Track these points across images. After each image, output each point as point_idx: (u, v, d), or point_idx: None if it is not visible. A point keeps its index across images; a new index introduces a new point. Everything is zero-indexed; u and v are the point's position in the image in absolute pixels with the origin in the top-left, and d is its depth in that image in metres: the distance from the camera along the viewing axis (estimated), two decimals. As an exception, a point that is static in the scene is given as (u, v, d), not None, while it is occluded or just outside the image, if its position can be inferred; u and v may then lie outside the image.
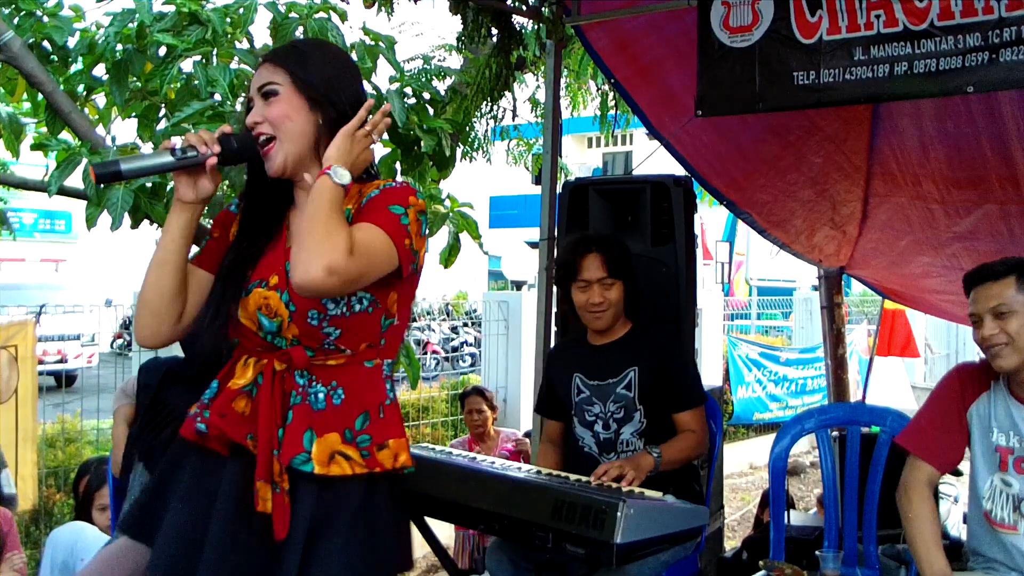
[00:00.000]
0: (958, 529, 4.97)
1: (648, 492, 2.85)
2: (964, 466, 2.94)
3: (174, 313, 1.96)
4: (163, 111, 3.73)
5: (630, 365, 3.25)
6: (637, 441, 3.23)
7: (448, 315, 16.19)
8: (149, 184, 3.41)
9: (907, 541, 2.74)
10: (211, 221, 2.17)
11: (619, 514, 2.55)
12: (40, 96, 3.68)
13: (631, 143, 23.50)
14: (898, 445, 2.92)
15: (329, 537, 1.87)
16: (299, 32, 3.65)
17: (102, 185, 1.96)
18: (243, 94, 3.64)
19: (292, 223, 2.02)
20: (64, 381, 8.06)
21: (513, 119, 5.78)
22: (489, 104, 4.92)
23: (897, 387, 9.61)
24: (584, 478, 2.98)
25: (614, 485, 2.87)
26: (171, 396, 3.21)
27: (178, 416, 3.10)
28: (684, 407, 3.24)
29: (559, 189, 4.28)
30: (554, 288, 4.33)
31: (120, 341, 11.55)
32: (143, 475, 3.22)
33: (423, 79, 3.97)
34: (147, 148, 3.56)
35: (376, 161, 2.04)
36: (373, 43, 3.90)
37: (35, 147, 3.63)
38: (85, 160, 3.32)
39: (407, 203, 1.90)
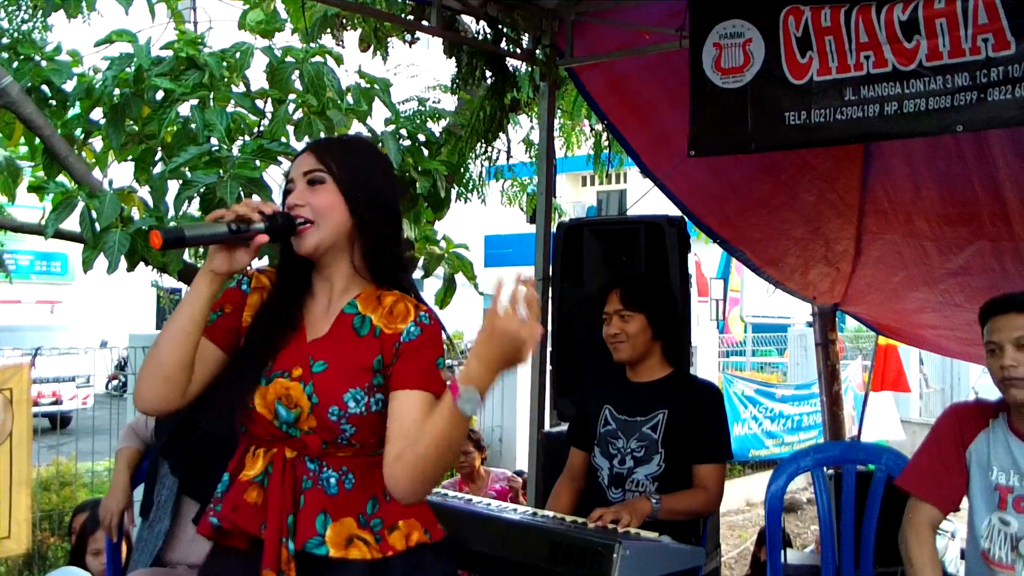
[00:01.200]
0: (955, 565, 4.96)
1: (644, 533, 2.84)
2: (963, 503, 2.93)
3: (184, 382, 1.94)
4: (159, 154, 3.76)
5: (662, 407, 3.26)
6: (650, 484, 3.21)
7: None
8: (145, 227, 3.43)
9: None
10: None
11: (615, 555, 2.55)
12: (37, 140, 3.71)
13: (625, 181, 23.58)
14: (899, 487, 2.90)
15: None
16: (295, 76, 3.69)
17: (163, 249, 1.96)
18: (240, 138, 3.68)
19: (308, 312, 2.04)
20: (59, 423, 8.03)
21: (508, 159, 5.81)
22: (483, 145, 4.96)
23: (886, 420, 9.60)
24: (580, 520, 2.97)
25: (620, 528, 2.86)
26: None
27: (215, 436, 3.06)
28: (706, 460, 3.23)
29: (554, 229, 4.31)
30: (550, 328, 4.35)
31: (115, 382, 11.51)
32: (172, 486, 3.19)
33: (418, 120, 4.01)
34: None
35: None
36: (369, 86, 3.94)
37: (32, 189, 3.65)
38: (82, 203, 3.35)
39: (444, 350, 1.98)
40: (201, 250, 3.81)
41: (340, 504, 1.91)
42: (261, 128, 3.78)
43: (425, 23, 4.39)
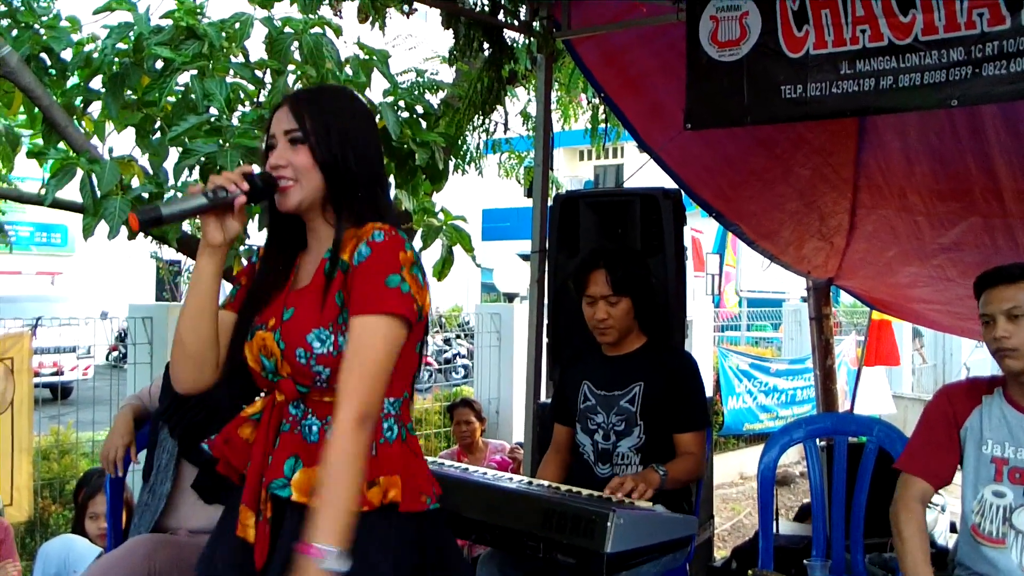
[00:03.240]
0: (945, 538, 5.01)
1: (638, 502, 2.87)
2: (956, 478, 2.97)
3: (214, 358, 1.99)
4: (159, 124, 3.77)
5: (637, 380, 3.27)
6: (634, 456, 3.24)
7: (441, 327, 16.22)
8: (145, 195, 3.45)
9: (897, 556, 2.76)
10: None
11: (609, 524, 2.57)
12: (36, 109, 3.71)
13: (622, 156, 23.58)
14: (896, 469, 2.95)
15: None
16: (294, 47, 3.70)
17: (141, 230, 1.98)
18: (239, 108, 3.69)
19: (301, 267, 2.05)
20: (60, 393, 8.07)
21: (505, 132, 5.82)
22: (481, 118, 4.97)
23: (879, 395, 9.67)
24: (575, 488, 3.01)
25: (624, 499, 2.88)
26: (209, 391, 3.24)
27: (212, 402, 3.10)
28: (686, 428, 3.25)
29: (550, 202, 4.32)
30: (545, 300, 4.38)
31: (115, 353, 11.54)
32: (172, 450, 3.23)
33: (416, 92, 4.02)
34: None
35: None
36: (368, 57, 3.95)
37: (31, 155, 3.66)
38: (81, 171, 3.36)
39: (399, 264, 1.89)
40: (199, 221, 3.83)
41: (318, 452, 1.87)
42: (260, 98, 3.79)
43: (422, -6, 4.38)
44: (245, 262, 2.20)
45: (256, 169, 2.00)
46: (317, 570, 1.69)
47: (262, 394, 2.04)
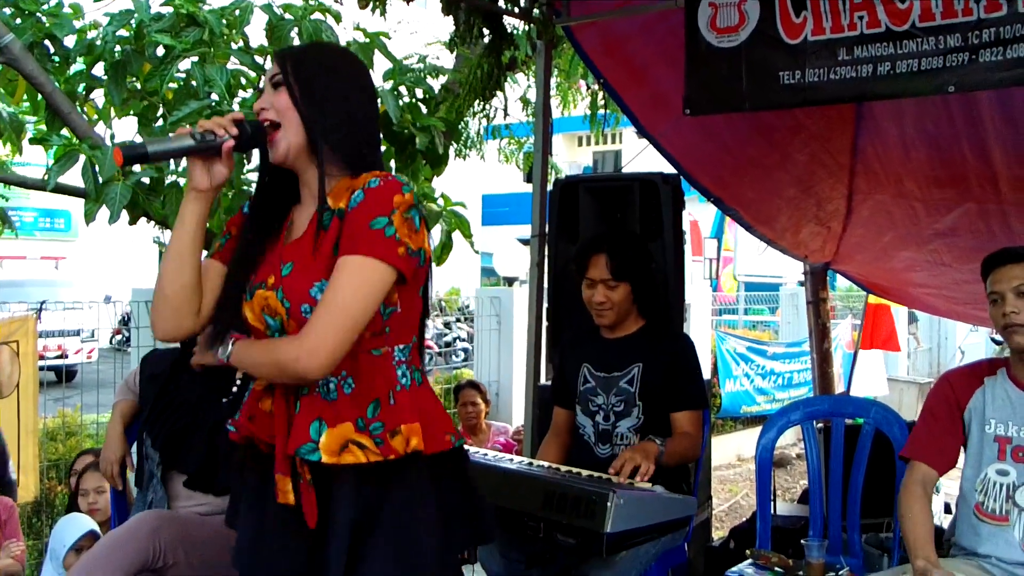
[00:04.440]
0: (939, 518, 5.06)
1: (638, 483, 2.91)
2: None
3: (194, 306, 1.99)
4: (161, 110, 3.79)
5: (636, 361, 3.32)
6: (633, 436, 3.29)
7: (441, 311, 16.23)
8: (147, 180, 3.48)
9: (902, 535, 2.80)
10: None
11: (609, 504, 2.62)
12: (40, 96, 3.73)
13: (621, 142, 23.53)
14: (900, 457, 3.00)
15: (372, 531, 1.90)
16: (294, 33, 3.72)
17: (125, 166, 1.98)
18: (240, 93, 3.71)
19: (294, 220, 2.05)
20: (64, 376, 8.10)
21: (504, 118, 5.85)
22: (481, 103, 4.99)
23: (873, 377, 9.72)
24: (575, 470, 3.05)
25: (614, 477, 2.92)
26: (180, 386, 3.26)
27: (189, 407, 3.17)
28: (683, 407, 3.29)
29: (550, 187, 4.34)
30: (545, 284, 4.41)
31: (119, 337, 11.60)
32: (156, 464, 3.26)
33: (417, 74, 4.03)
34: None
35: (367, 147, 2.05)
36: (368, 41, 3.97)
37: (35, 141, 3.68)
38: (84, 156, 3.38)
39: (391, 208, 1.88)
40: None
41: (339, 409, 1.91)
42: (260, 84, 3.81)
43: (422, -21, 4.40)
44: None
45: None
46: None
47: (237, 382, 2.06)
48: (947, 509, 5.12)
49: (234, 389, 2.15)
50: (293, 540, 1.94)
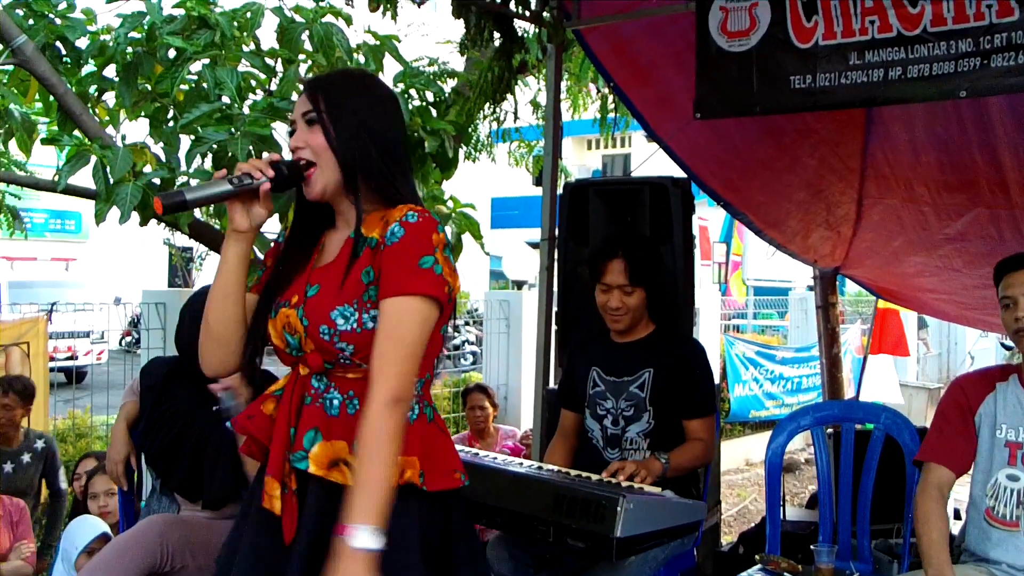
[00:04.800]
0: (948, 524, 5.04)
1: (647, 487, 2.89)
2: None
3: (239, 341, 2.01)
4: (172, 112, 3.80)
5: (646, 366, 3.30)
6: (642, 441, 3.28)
7: (450, 314, 16.15)
8: (157, 181, 3.49)
9: (916, 539, 2.80)
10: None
11: (619, 508, 2.60)
12: (52, 97, 3.75)
13: (630, 145, 23.55)
14: (915, 462, 2.99)
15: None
16: (305, 36, 3.73)
17: (164, 215, 2.01)
18: (251, 96, 3.73)
19: (326, 244, 2.06)
20: (74, 377, 8.13)
21: (515, 121, 5.85)
22: (491, 106, 4.99)
23: (885, 383, 9.69)
24: (584, 473, 3.04)
25: (623, 482, 2.91)
26: (174, 397, 3.28)
27: (182, 418, 3.19)
28: (695, 415, 3.28)
29: (559, 190, 4.34)
30: (555, 288, 4.40)
31: (128, 338, 11.64)
32: (155, 477, 3.28)
33: (428, 77, 4.04)
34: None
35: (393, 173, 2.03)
36: (378, 43, 3.98)
37: (47, 141, 3.70)
38: (95, 157, 3.40)
39: (433, 247, 1.89)
40: (212, 208, 3.87)
41: (337, 426, 1.90)
42: (271, 87, 3.82)
43: (433, -18, 4.40)
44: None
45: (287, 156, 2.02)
46: (352, 551, 1.70)
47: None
48: (956, 515, 5.09)
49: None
50: (268, 548, 1.94)
